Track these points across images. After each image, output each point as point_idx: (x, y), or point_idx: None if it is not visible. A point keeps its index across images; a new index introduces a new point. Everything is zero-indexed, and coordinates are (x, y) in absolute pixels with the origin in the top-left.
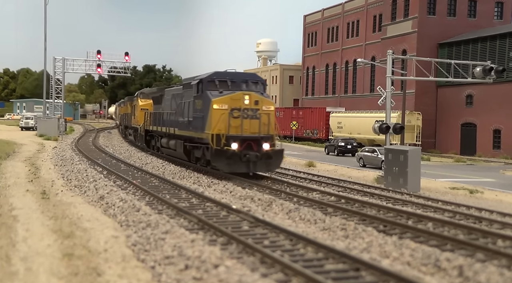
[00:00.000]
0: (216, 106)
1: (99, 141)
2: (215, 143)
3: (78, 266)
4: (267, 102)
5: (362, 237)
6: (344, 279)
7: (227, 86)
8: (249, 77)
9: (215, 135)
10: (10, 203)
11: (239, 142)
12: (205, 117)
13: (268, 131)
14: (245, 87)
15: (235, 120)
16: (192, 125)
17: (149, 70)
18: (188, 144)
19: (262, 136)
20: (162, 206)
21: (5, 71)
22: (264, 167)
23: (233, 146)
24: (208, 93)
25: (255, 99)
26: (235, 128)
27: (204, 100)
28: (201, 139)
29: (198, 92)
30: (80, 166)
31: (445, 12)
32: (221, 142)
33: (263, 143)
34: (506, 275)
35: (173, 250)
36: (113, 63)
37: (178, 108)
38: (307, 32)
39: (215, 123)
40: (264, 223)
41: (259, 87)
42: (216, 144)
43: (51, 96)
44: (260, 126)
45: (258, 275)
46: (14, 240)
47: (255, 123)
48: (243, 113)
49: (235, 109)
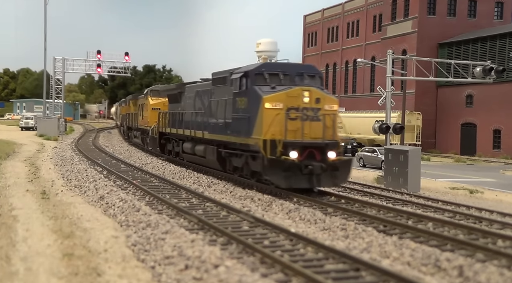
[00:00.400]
0: (269, 105)
1: (99, 141)
2: (268, 151)
3: (78, 266)
4: (330, 100)
5: (362, 237)
6: (344, 279)
7: (279, 81)
8: (305, 70)
9: (269, 141)
10: (10, 203)
11: (299, 149)
12: (252, 118)
13: (332, 137)
14: (300, 82)
15: (292, 123)
16: (231, 129)
17: (149, 70)
18: (224, 151)
19: (327, 142)
20: (162, 206)
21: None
22: (329, 180)
23: (292, 155)
24: (257, 89)
25: (316, 97)
26: (293, 133)
27: (250, 98)
28: (246, 145)
29: (241, 87)
30: (80, 166)
31: (445, 12)
32: (276, 149)
33: (328, 150)
34: (506, 275)
35: (173, 250)
36: (113, 63)
37: (207, 107)
38: (307, 32)
39: (267, 127)
40: (264, 223)
41: (316, 82)
42: (270, 152)
43: (51, 96)
44: (323, 130)
45: (258, 275)
46: (14, 240)
47: (317, 127)
48: (302, 114)
49: (292, 108)
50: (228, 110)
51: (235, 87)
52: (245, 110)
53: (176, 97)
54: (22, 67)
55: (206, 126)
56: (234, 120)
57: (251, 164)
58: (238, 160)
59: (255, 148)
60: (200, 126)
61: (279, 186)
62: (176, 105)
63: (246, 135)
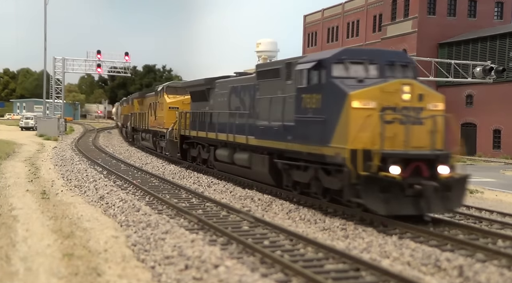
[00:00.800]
0: (358, 104)
1: (99, 141)
2: (360, 165)
3: (78, 266)
4: (434, 97)
5: (362, 237)
6: (344, 279)
7: (366, 71)
8: (396, 57)
9: (360, 152)
10: (10, 203)
11: (401, 163)
12: (331, 121)
13: (443, 145)
14: (392, 73)
15: (389, 128)
16: (294, 134)
17: (149, 70)
18: (282, 162)
19: (439, 153)
20: (162, 206)
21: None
22: (440, 204)
23: (393, 170)
24: (338, 84)
25: (419, 93)
26: (391, 141)
27: (327, 95)
28: (318, 156)
29: (311, 81)
30: (80, 166)
31: (445, 12)
32: (370, 163)
33: (440, 164)
34: (506, 275)
35: (173, 250)
36: (113, 63)
37: (250, 106)
38: (307, 32)
39: (355, 132)
40: (264, 223)
41: (409, 73)
42: (362, 167)
43: (51, 96)
44: (431, 137)
45: (258, 275)
46: (14, 240)
47: (420, 132)
48: (402, 116)
49: (387, 108)
50: (287, 111)
51: (300, 81)
52: (318, 110)
53: (202, 94)
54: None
55: (252, 130)
56: (299, 123)
57: (324, 180)
58: (303, 174)
59: (336, 160)
60: (241, 129)
61: (376, 211)
62: (201, 104)
63: (320, 143)
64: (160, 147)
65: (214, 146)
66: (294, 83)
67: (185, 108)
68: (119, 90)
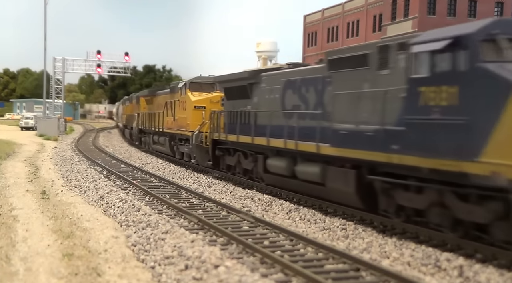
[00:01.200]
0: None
1: (99, 141)
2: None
3: (78, 266)
4: None
5: (362, 237)
6: (344, 279)
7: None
8: None
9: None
10: (10, 203)
11: None
12: (481, 125)
13: None
14: None
15: None
16: (404, 142)
17: (149, 70)
18: (380, 179)
19: None
20: (162, 206)
21: (5, 71)
22: None
23: None
24: (494, 69)
25: None
26: None
27: (472, 86)
28: (455, 175)
29: (439, 67)
30: (80, 166)
31: (445, 12)
32: None
33: None
34: (506, 275)
35: (173, 250)
36: (113, 63)
37: (318, 105)
38: (307, 32)
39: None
40: (264, 223)
41: None
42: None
43: (51, 96)
44: None
45: (258, 275)
46: (14, 240)
47: None
48: None
49: None
50: (390, 110)
51: (414, 68)
52: (453, 109)
53: (242, 91)
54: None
55: (325, 135)
56: (413, 128)
57: (457, 208)
58: (416, 197)
59: (489, 182)
60: (307, 134)
61: None
62: (241, 103)
63: (458, 157)
64: (179, 153)
65: (262, 154)
66: (400, 73)
67: (213, 107)
68: (119, 90)
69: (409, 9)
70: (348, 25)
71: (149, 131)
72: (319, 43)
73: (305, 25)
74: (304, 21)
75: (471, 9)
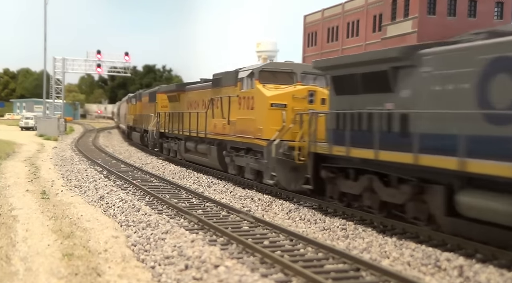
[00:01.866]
0: None
1: (99, 141)
2: None
3: (78, 266)
4: None
5: (362, 237)
6: (344, 279)
7: None
8: None
9: None
10: (10, 203)
11: None
12: None
13: None
14: None
15: None
16: None
17: (149, 70)
18: None
19: None
20: (162, 206)
21: (5, 71)
22: None
23: None
24: None
25: None
26: None
27: None
28: None
29: None
30: (80, 166)
31: (445, 12)
32: None
33: None
34: (506, 275)
35: (173, 250)
36: (113, 63)
37: None
38: (307, 32)
39: None
40: (264, 223)
41: None
42: None
43: (51, 96)
44: None
45: (258, 275)
46: (14, 240)
47: None
48: None
49: None
50: None
51: None
52: None
53: (377, 79)
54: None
55: None
56: None
57: None
58: None
59: None
60: None
61: None
62: (369, 99)
63: None
64: (235, 167)
65: (437, 184)
66: None
67: (298, 106)
68: (119, 90)
69: (409, 9)
70: (348, 25)
71: (175, 136)
72: (319, 43)
73: (305, 25)
74: (304, 21)
75: (471, 9)
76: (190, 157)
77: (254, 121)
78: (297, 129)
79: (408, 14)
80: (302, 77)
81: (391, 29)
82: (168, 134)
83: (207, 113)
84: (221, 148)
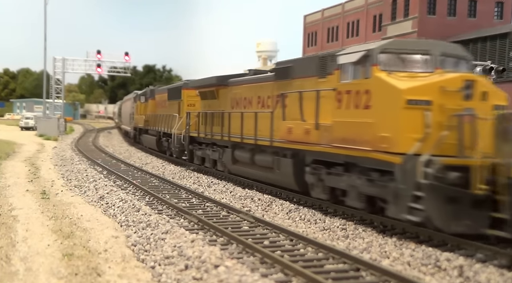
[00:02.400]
0: None
1: (99, 141)
2: None
3: (78, 266)
4: None
5: (362, 237)
6: (344, 279)
7: None
8: None
9: None
10: (10, 203)
11: None
12: None
13: None
14: None
15: None
16: None
17: (149, 70)
18: None
19: None
20: (162, 206)
21: (5, 71)
22: None
23: None
24: None
25: None
26: None
27: None
28: None
29: None
30: (80, 166)
31: (445, 12)
32: None
33: None
34: (506, 275)
35: (173, 250)
36: (113, 63)
37: None
38: (307, 32)
39: None
40: (264, 223)
41: None
42: None
43: (51, 96)
44: None
45: (258, 275)
46: (14, 240)
47: None
48: None
49: None
50: None
51: None
52: None
53: None
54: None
55: None
56: None
57: None
58: None
59: None
60: None
61: None
62: None
63: None
64: (325, 189)
65: None
66: None
67: (448, 103)
68: (119, 90)
69: (409, 9)
70: (348, 25)
71: (212, 141)
72: (319, 43)
73: (305, 25)
74: (304, 21)
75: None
76: (242, 170)
77: (371, 126)
78: (453, 138)
79: (408, 14)
80: (441, 61)
81: (391, 29)
82: (202, 139)
83: (273, 113)
84: (298, 161)
